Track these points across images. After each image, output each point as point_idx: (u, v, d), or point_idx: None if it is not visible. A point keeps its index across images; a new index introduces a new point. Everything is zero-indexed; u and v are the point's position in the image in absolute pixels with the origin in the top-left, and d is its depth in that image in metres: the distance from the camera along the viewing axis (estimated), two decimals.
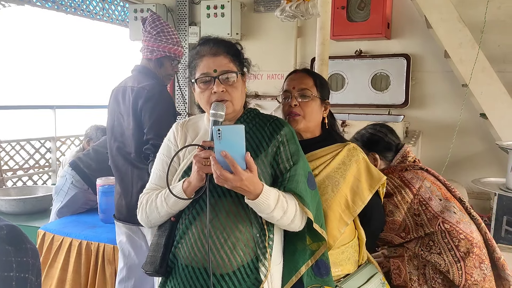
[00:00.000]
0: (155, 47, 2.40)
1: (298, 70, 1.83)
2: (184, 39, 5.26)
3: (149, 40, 2.41)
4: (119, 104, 2.39)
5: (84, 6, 5.02)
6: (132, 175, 2.35)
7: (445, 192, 1.97)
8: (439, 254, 1.81)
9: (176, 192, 1.34)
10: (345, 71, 4.51)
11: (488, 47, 3.60)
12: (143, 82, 2.32)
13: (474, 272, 1.77)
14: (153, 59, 2.42)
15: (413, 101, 4.26)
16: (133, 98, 2.28)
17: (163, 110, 2.26)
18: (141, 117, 2.26)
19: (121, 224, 2.45)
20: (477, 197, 3.77)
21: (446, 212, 1.87)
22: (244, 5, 4.92)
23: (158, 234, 1.46)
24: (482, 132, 3.94)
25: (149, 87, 2.28)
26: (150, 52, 2.41)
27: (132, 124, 2.30)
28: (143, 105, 2.24)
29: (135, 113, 2.27)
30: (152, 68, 2.44)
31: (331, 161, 1.66)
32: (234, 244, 1.33)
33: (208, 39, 1.50)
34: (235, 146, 1.24)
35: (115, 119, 2.42)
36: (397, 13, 4.28)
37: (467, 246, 1.79)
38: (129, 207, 2.35)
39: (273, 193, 1.33)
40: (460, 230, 1.82)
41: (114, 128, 2.43)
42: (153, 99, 2.24)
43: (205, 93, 1.43)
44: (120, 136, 2.40)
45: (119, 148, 2.40)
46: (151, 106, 2.23)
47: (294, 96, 1.71)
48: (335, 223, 1.58)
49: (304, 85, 1.72)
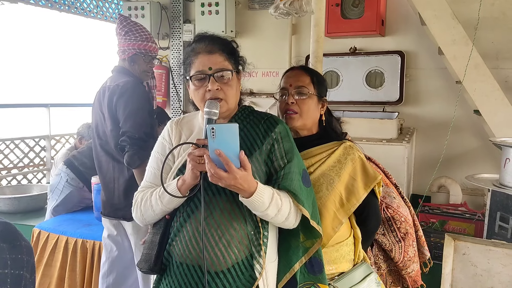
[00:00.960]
0: (125, 47, 2.49)
1: (295, 67, 1.82)
2: (178, 36, 5.24)
3: (120, 41, 2.51)
4: (100, 104, 2.47)
5: (78, 3, 5.00)
6: (113, 170, 2.44)
7: (385, 178, 2.05)
8: (383, 235, 1.96)
9: (171, 190, 1.34)
10: (339, 68, 4.52)
11: (482, 44, 3.62)
12: (118, 80, 2.41)
13: (409, 249, 1.98)
14: (126, 58, 2.51)
15: (408, 98, 4.27)
16: (109, 95, 2.38)
17: (136, 104, 2.34)
18: (116, 112, 2.35)
19: (105, 219, 2.54)
20: (471, 193, 3.79)
21: (387, 197, 1.98)
22: (238, 3, 4.91)
23: (153, 232, 1.46)
24: (476, 129, 3.96)
25: (123, 83, 2.38)
26: (122, 52, 2.51)
27: (109, 121, 2.39)
28: (117, 101, 2.34)
29: (111, 110, 2.37)
30: (127, 67, 2.52)
31: (327, 159, 1.66)
32: (229, 241, 1.33)
33: (204, 36, 1.49)
34: (229, 144, 1.24)
35: (98, 119, 2.49)
36: (391, 10, 4.29)
37: (406, 228, 1.96)
38: (111, 202, 2.46)
39: (267, 191, 1.33)
40: (401, 214, 1.96)
41: (97, 127, 2.51)
42: (126, 94, 2.34)
43: (199, 91, 1.43)
44: (102, 134, 2.48)
45: (101, 145, 2.48)
46: (125, 101, 2.33)
47: (291, 93, 1.70)
48: (329, 222, 1.59)
49: (301, 82, 1.71)
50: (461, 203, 3.54)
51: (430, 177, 3.57)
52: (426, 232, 3.08)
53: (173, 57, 5.31)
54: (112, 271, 2.56)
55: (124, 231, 2.52)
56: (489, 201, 2.83)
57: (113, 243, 2.56)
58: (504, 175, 2.74)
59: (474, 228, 3.21)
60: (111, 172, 2.45)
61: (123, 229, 2.52)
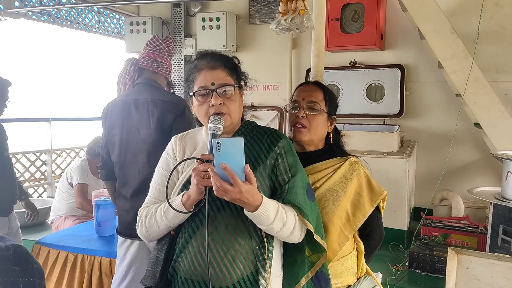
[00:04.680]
0: (170, 67, 2.53)
1: (309, 82, 1.84)
2: (179, 51, 5.29)
3: (167, 58, 2.50)
4: (131, 116, 2.36)
5: (80, 19, 5.05)
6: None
7: None
8: None
9: (176, 206, 1.34)
10: (340, 82, 4.55)
11: (481, 57, 3.65)
12: (159, 95, 2.37)
13: None
14: (167, 77, 2.53)
15: (408, 111, 4.30)
16: (161, 109, 2.32)
17: (191, 122, 2.34)
18: (171, 127, 2.30)
19: (128, 240, 2.41)
20: (472, 206, 3.79)
21: None
22: (239, 17, 4.96)
23: (158, 248, 1.46)
24: (476, 141, 3.98)
25: (181, 100, 2.39)
26: (166, 69, 2.50)
27: (156, 135, 2.30)
28: (177, 117, 2.31)
29: (162, 124, 2.31)
30: (161, 83, 2.50)
31: (333, 175, 1.67)
32: (234, 257, 1.33)
33: (206, 53, 1.51)
34: (235, 158, 1.24)
35: (124, 133, 2.38)
36: (391, 24, 4.34)
37: None
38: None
39: (273, 204, 1.33)
40: None
41: (128, 142, 2.37)
42: (187, 111, 2.35)
43: (203, 106, 1.44)
44: (143, 147, 2.34)
45: (137, 159, 2.35)
46: (187, 118, 2.34)
47: (302, 107, 1.71)
48: (335, 237, 1.59)
49: (313, 98, 1.72)
50: (463, 216, 3.53)
51: (432, 189, 3.57)
52: (429, 246, 3.08)
53: (174, 71, 5.35)
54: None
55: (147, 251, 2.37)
56: (491, 215, 2.83)
57: (138, 266, 2.39)
58: (506, 188, 2.74)
59: (477, 242, 3.19)
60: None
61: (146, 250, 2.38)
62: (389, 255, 3.31)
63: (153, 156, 2.25)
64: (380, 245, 1.92)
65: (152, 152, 2.29)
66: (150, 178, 2.24)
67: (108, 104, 2.49)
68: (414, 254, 2.99)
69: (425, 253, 2.97)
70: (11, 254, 0.89)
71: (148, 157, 2.31)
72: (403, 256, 3.26)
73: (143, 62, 2.46)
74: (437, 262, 2.92)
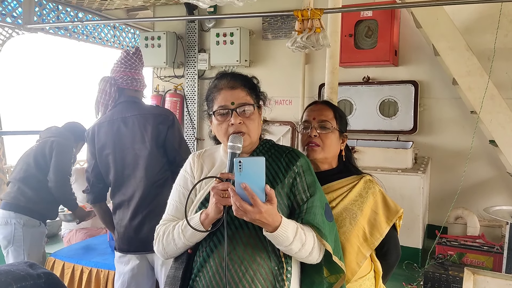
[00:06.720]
0: (143, 79, 2.57)
1: (318, 102, 1.86)
2: (193, 65, 5.34)
3: (139, 71, 2.53)
4: (121, 134, 2.39)
5: (96, 33, 5.14)
6: (158, 197, 2.35)
7: None
8: None
9: (194, 224, 1.35)
10: (353, 97, 4.55)
11: (496, 74, 3.63)
12: (145, 109, 2.45)
13: None
14: (141, 91, 2.55)
15: (422, 127, 4.27)
16: (153, 123, 2.37)
17: (181, 132, 2.51)
18: (164, 140, 2.38)
19: (129, 256, 2.43)
20: (488, 225, 3.73)
21: None
22: (252, 33, 5.00)
23: (175, 266, 1.45)
24: (492, 159, 3.93)
25: (169, 112, 2.50)
26: (140, 83, 2.53)
27: (149, 148, 2.36)
28: (169, 129, 2.39)
29: (156, 138, 2.37)
30: (139, 98, 2.54)
31: (348, 193, 1.67)
32: (252, 277, 1.32)
33: (225, 73, 1.53)
34: (255, 178, 1.24)
35: (117, 151, 2.39)
36: (405, 40, 4.34)
37: None
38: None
39: (292, 225, 1.33)
40: None
41: (124, 158, 2.40)
42: (177, 124, 2.45)
43: (222, 125, 1.45)
44: (132, 164, 2.38)
45: (133, 176, 2.38)
46: (177, 130, 2.43)
47: (314, 127, 1.73)
48: (353, 256, 1.58)
49: (324, 116, 1.74)
50: (479, 235, 3.48)
51: (446, 207, 3.53)
52: (444, 265, 3.04)
53: (188, 85, 5.40)
54: None
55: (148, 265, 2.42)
56: (507, 235, 2.79)
57: (140, 280, 2.43)
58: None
59: (493, 261, 3.15)
60: (156, 200, 2.34)
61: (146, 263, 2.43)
62: (404, 274, 3.27)
63: (150, 168, 2.37)
64: (397, 264, 1.90)
65: (149, 165, 2.37)
66: (149, 191, 2.37)
67: (92, 126, 2.47)
68: (429, 273, 2.95)
69: (440, 272, 2.93)
70: (43, 282, 0.90)
71: (146, 170, 2.36)
72: (418, 275, 3.22)
73: (122, 82, 2.45)
74: (453, 282, 2.87)
